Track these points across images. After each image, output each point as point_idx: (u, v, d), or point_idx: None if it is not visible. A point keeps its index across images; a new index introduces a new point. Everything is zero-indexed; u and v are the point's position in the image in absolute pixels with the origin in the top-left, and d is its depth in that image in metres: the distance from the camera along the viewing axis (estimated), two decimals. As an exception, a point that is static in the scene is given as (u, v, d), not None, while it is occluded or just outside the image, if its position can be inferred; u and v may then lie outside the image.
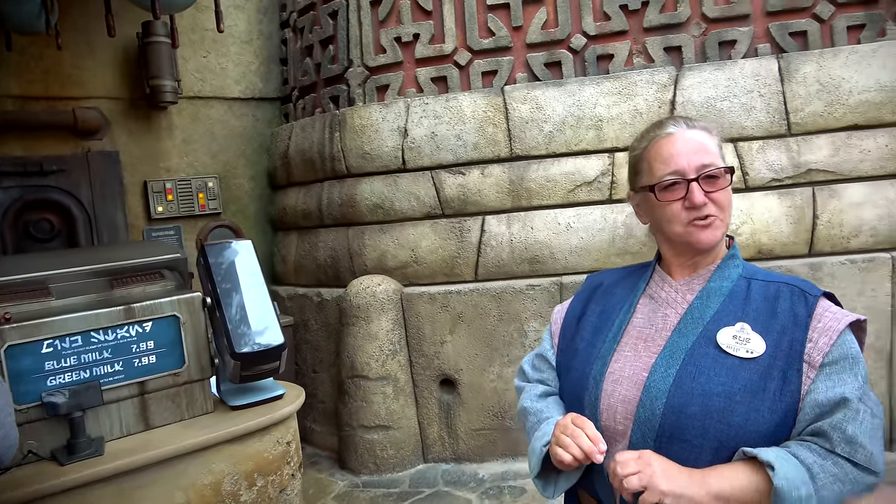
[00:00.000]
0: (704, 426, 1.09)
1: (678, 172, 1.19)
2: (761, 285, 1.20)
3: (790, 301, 1.15)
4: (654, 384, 1.14)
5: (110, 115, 4.47)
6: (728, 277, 1.22)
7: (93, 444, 1.90)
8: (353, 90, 4.25)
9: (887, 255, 3.48)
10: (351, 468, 3.96)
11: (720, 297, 1.20)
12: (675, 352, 1.16)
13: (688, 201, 1.18)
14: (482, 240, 3.87)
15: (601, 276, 1.44)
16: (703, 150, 1.20)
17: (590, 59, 3.84)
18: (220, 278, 2.21)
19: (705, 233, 1.18)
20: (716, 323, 1.17)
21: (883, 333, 3.48)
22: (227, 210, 4.97)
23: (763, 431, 1.08)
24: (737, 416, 1.07)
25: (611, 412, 1.19)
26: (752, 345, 1.12)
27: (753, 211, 3.59)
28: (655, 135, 1.25)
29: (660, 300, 1.26)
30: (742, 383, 1.09)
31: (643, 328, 1.24)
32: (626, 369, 1.20)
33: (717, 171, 1.18)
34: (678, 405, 1.11)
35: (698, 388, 1.11)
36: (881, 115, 3.50)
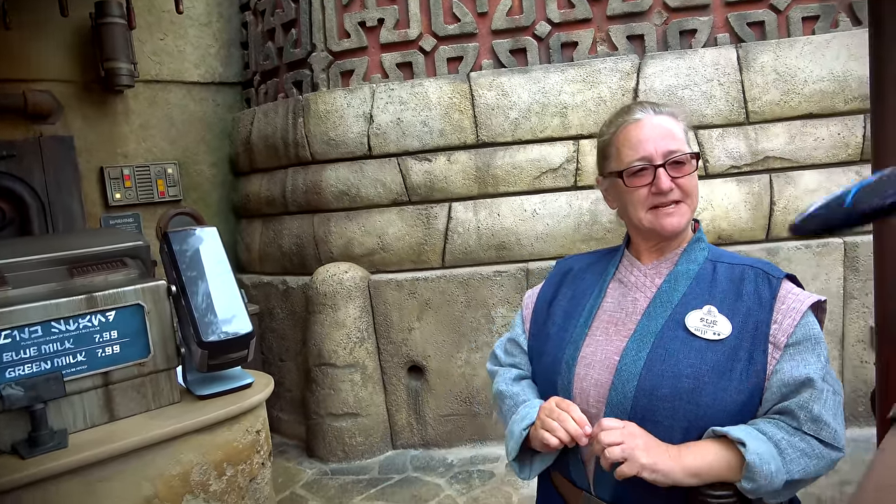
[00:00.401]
0: (674, 407, 1.11)
1: (646, 158, 1.21)
2: (727, 268, 1.23)
3: (755, 283, 1.19)
4: (625, 367, 1.17)
5: (63, 98, 4.31)
6: (694, 260, 1.25)
7: (56, 437, 1.85)
8: (317, 75, 4.19)
9: (840, 240, 3.62)
10: (319, 456, 3.94)
11: (687, 280, 1.23)
12: (645, 335, 1.19)
13: (654, 187, 1.20)
14: (449, 226, 3.88)
15: (571, 260, 1.46)
16: (669, 136, 1.22)
17: (554, 47, 3.86)
18: (184, 266, 2.16)
19: (670, 220, 1.21)
20: (684, 306, 1.19)
21: (835, 316, 3.62)
22: (188, 197, 4.86)
23: (731, 410, 1.11)
24: (705, 397, 1.11)
25: (584, 396, 1.21)
26: (718, 327, 1.15)
27: (713, 197, 3.68)
28: (623, 120, 1.27)
29: (629, 284, 1.28)
30: (710, 364, 1.12)
31: (614, 312, 1.26)
32: (598, 353, 1.22)
33: (684, 157, 1.21)
34: (649, 387, 1.13)
35: (668, 370, 1.13)
36: (834, 105, 3.62)
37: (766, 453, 1.04)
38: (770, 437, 1.07)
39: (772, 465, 1.04)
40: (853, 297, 3.60)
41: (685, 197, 1.22)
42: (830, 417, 1.09)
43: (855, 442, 3.48)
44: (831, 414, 1.10)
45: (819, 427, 1.08)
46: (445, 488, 3.47)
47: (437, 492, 3.44)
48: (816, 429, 1.08)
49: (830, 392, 1.12)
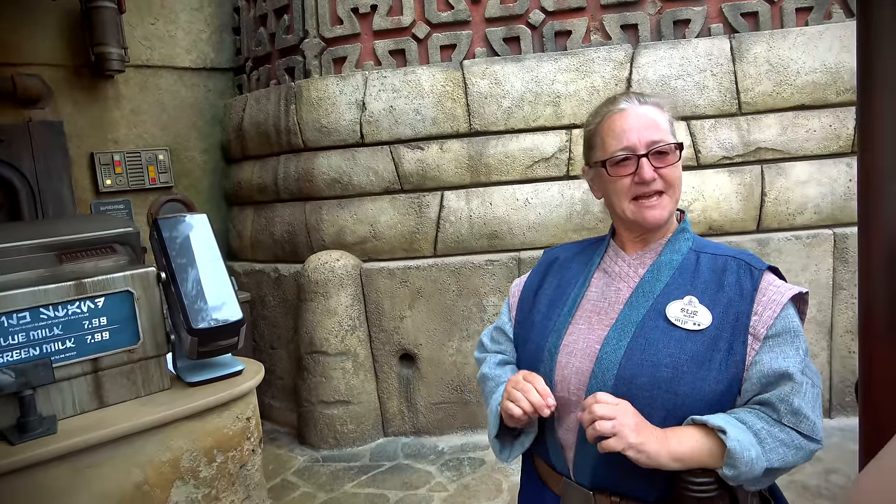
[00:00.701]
0: (653, 395, 1.13)
1: (629, 148, 1.21)
2: (710, 258, 1.24)
3: (736, 275, 1.20)
4: (605, 356, 1.18)
5: (53, 83, 4.27)
6: (678, 251, 1.26)
7: (45, 423, 1.85)
8: (310, 62, 4.17)
9: (829, 231, 3.64)
10: (311, 443, 3.96)
11: (670, 270, 1.24)
12: (626, 325, 1.20)
13: (637, 176, 1.20)
14: (441, 215, 3.88)
15: (557, 250, 1.47)
16: (653, 127, 1.22)
17: (548, 35, 3.85)
18: (174, 253, 2.16)
19: (652, 212, 1.22)
20: (665, 296, 1.21)
21: (824, 307, 3.65)
22: (179, 184, 4.84)
23: (709, 400, 1.12)
24: (684, 386, 1.12)
25: (565, 383, 1.22)
26: (699, 317, 1.16)
27: (705, 188, 3.69)
28: (608, 110, 1.27)
29: (613, 274, 1.30)
30: (689, 354, 1.13)
31: (597, 302, 1.28)
32: (580, 342, 1.23)
33: (667, 147, 1.21)
34: (628, 376, 1.14)
35: (647, 359, 1.15)
36: (826, 96, 3.63)
37: (746, 441, 1.06)
38: (750, 426, 1.09)
39: (752, 451, 1.05)
40: (842, 287, 3.62)
41: (667, 188, 1.23)
42: (809, 410, 1.11)
43: (842, 431, 3.53)
44: (810, 407, 1.11)
45: (798, 420, 1.10)
46: (436, 475, 3.50)
47: (428, 479, 3.47)
48: (796, 421, 1.10)
49: (809, 385, 1.13)
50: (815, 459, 3.25)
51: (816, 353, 3.66)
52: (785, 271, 3.60)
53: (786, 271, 3.61)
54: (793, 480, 3.08)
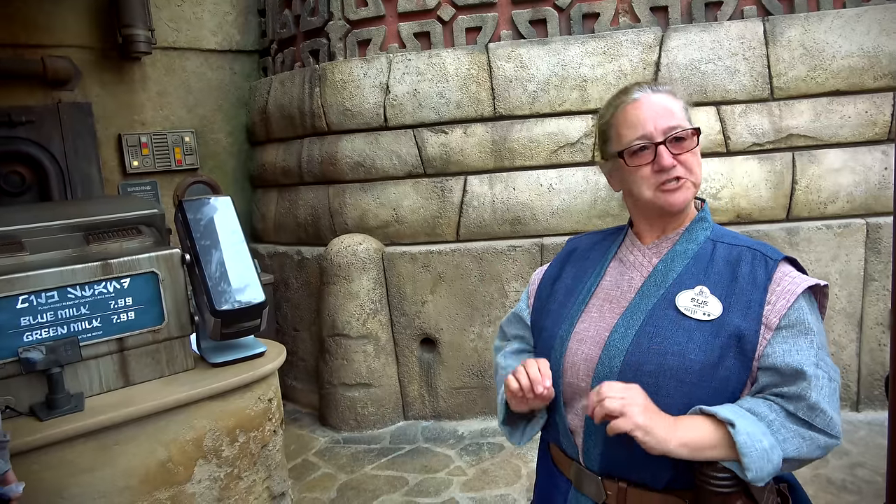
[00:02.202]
0: (658, 384, 1.13)
1: (646, 137, 1.20)
2: (726, 248, 1.23)
3: (751, 265, 1.18)
4: (613, 343, 1.19)
5: (81, 64, 4.32)
6: (695, 240, 1.25)
7: (72, 400, 1.89)
8: (334, 44, 4.15)
9: (862, 221, 3.55)
10: (332, 425, 4.00)
11: (685, 259, 1.23)
12: (636, 313, 1.20)
13: (656, 164, 1.20)
14: (464, 200, 3.86)
15: (579, 240, 1.47)
16: (668, 114, 1.21)
17: (575, 18, 3.78)
18: (198, 235, 2.17)
19: (675, 195, 1.20)
20: (677, 286, 1.20)
21: (855, 298, 3.56)
22: (205, 166, 4.88)
23: (716, 388, 1.12)
24: (690, 375, 1.12)
25: (574, 370, 1.23)
26: (709, 307, 1.15)
27: (734, 175, 3.61)
28: (622, 101, 1.27)
29: (627, 263, 1.30)
30: (697, 344, 1.13)
31: (610, 290, 1.28)
32: (591, 329, 1.25)
33: (685, 133, 1.20)
34: (635, 363, 1.15)
35: (655, 347, 1.15)
36: (863, 81, 3.52)
37: (756, 431, 1.04)
38: (762, 416, 1.08)
39: (764, 441, 1.04)
40: (874, 279, 3.54)
41: (687, 173, 1.21)
42: (826, 405, 1.09)
43: (869, 425, 3.46)
44: (826, 401, 1.09)
45: (814, 414, 1.08)
46: (455, 460, 3.51)
47: (447, 463, 3.48)
48: (811, 415, 1.08)
49: (826, 379, 1.10)
50: (842, 453, 3.20)
51: (845, 344, 3.59)
52: (814, 261, 3.53)
53: (815, 261, 3.53)
54: (817, 474, 3.04)
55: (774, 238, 3.54)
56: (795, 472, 1.20)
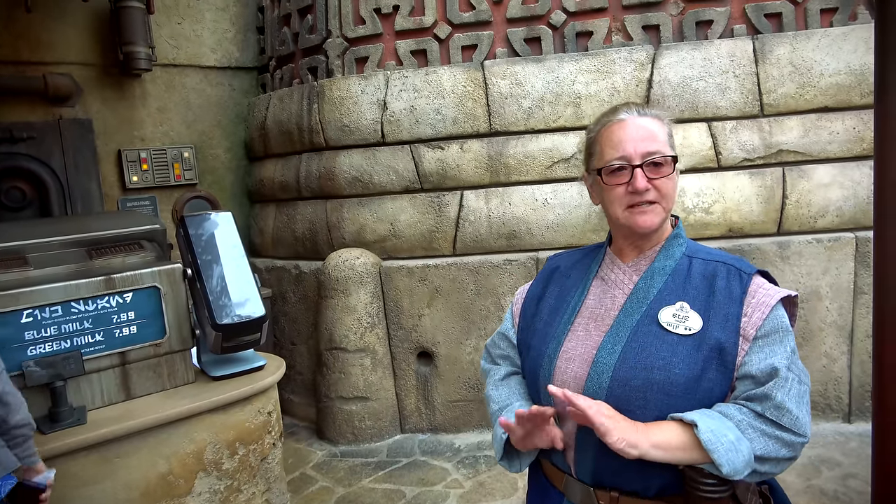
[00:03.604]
0: (646, 397, 1.17)
1: (624, 158, 1.25)
2: (701, 263, 1.28)
3: (726, 279, 1.24)
4: (601, 360, 1.23)
5: (82, 81, 4.37)
6: (672, 256, 1.30)
7: (75, 413, 1.92)
8: (332, 61, 4.22)
9: (851, 235, 3.60)
10: (329, 438, 4.02)
11: (663, 276, 1.28)
12: (621, 330, 1.25)
13: (631, 186, 1.24)
14: (460, 214, 3.91)
15: (559, 258, 1.52)
16: (650, 138, 1.25)
17: (569, 36, 3.86)
18: (200, 250, 2.22)
19: (644, 218, 1.25)
20: (659, 302, 1.25)
21: (845, 311, 3.61)
22: (204, 181, 4.92)
23: (700, 399, 1.17)
24: (676, 388, 1.16)
25: (564, 388, 1.26)
26: (690, 322, 1.20)
27: (725, 190, 3.67)
28: (608, 120, 1.31)
29: (609, 282, 1.34)
30: (681, 357, 1.18)
31: (594, 309, 1.33)
32: (578, 348, 1.29)
33: (662, 159, 1.25)
34: (623, 378, 1.19)
35: (641, 362, 1.19)
36: (850, 98, 3.59)
37: (720, 427, 1.09)
38: (730, 417, 1.13)
39: (729, 435, 1.09)
40: (863, 292, 3.59)
41: (660, 198, 1.26)
42: (793, 405, 1.13)
43: (861, 437, 3.50)
44: (794, 402, 1.14)
45: (781, 413, 1.13)
46: (452, 472, 3.53)
47: (444, 476, 3.50)
48: (778, 415, 1.13)
49: (796, 381, 1.16)
50: (834, 464, 3.23)
51: (836, 357, 3.63)
52: (805, 275, 3.59)
53: (806, 275, 3.59)
54: (810, 485, 3.07)
55: (766, 252, 3.60)
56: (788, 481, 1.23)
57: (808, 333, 3.63)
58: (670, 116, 1.34)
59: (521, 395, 1.41)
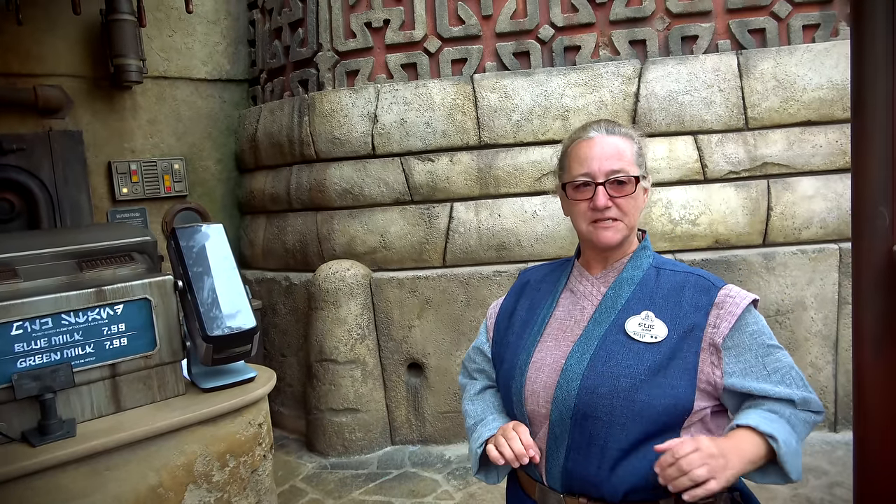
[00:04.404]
0: (612, 404, 1.21)
1: (589, 175, 1.30)
2: (670, 274, 1.33)
3: (694, 290, 1.29)
4: (570, 368, 1.27)
5: (73, 93, 4.37)
6: (640, 267, 1.35)
7: (64, 426, 1.91)
8: (323, 74, 4.25)
9: (835, 246, 3.66)
10: (319, 450, 4.01)
11: (631, 286, 1.32)
12: (590, 339, 1.29)
13: (593, 202, 1.29)
14: (450, 226, 3.94)
15: (530, 272, 1.56)
16: (615, 157, 1.29)
17: (557, 50, 3.91)
18: (191, 262, 2.22)
19: (606, 233, 1.29)
20: (626, 311, 1.29)
21: (830, 321, 3.66)
22: (194, 192, 4.92)
23: (664, 405, 1.20)
24: (641, 394, 1.20)
25: (534, 397, 1.31)
26: (655, 331, 1.25)
27: (711, 202, 3.72)
28: (578, 136, 1.36)
29: (578, 293, 1.38)
30: (646, 365, 1.22)
31: (564, 320, 1.36)
32: (548, 358, 1.32)
33: (626, 178, 1.29)
34: (591, 386, 1.23)
35: (608, 370, 1.23)
36: (832, 112, 3.66)
37: (790, 438, 1.17)
38: (781, 414, 1.20)
39: (793, 443, 1.17)
40: (848, 302, 3.64)
41: (622, 216, 1.30)
42: (808, 392, 1.23)
43: (847, 446, 3.53)
44: (805, 388, 1.24)
45: (808, 404, 1.23)
46: (443, 484, 3.53)
47: (435, 487, 3.50)
48: (806, 405, 1.23)
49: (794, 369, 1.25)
50: (820, 472, 3.27)
51: (822, 366, 3.67)
52: (791, 285, 3.64)
53: (791, 285, 3.64)
54: (797, 494, 3.10)
55: (752, 263, 3.65)
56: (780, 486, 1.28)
57: (793, 343, 3.67)
58: (642, 134, 1.38)
59: (495, 409, 1.45)
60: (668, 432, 1.21)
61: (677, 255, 3.71)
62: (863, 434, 1.26)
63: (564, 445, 1.23)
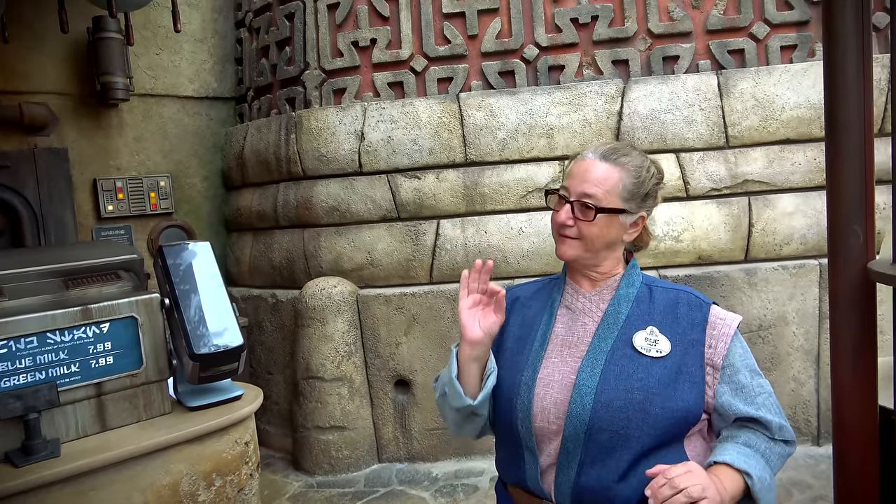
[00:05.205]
0: (628, 417, 1.25)
1: (567, 190, 1.37)
2: (661, 291, 1.39)
3: (688, 306, 1.36)
4: (582, 383, 1.29)
5: (58, 110, 4.36)
6: (633, 284, 1.40)
7: (49, 446, 1.90)
8: (310, 92, 4.28)
9: (815, 262, 3.73)
10: (306, 469, 3.98)
11: (628, 303, 1.37)
12: (598, 354, 1.32)
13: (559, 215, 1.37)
14: (437, 243, 3.96)
15: (517, 289, 1.58)
16: (594, 182, 1.33)
17: (542, 70, 3.97)
18: (178, 279, 2.22)
19: (563, 247, 1.38)
20: (628, 326, 1.34)
21: (811, 336, 3.72)
22: (180, 210, 4.91)
23: (677, 417, 1.26)
24: (654, 406, 1.25)
25: (544, 414, 1.32)
26: (660, 345, 1.31)
27: (694, 219, 3.78)
28: (580, 154, 1.43)
29: (577, 310, 1.41)
30: (656, 378, 1.27)
31: (566, 337, 1.39)
32: (556, 374, 1.34)
33: (590, 204, 1.32)
34: (605, 400, 1.26)
35: (621, 384, 1.27)
36: (811, 131, 3.74)
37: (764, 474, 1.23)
38: (756, 448, 1.26)
39: (766, 479, 1.23)
40: (828, 317, 3.69)
41: (581, 237, 1.35)
42: (782, 419, 1.30)
43: (830, 459, 3.56)
44: (781, 415, 1.31)
45: (783, 432, 1.30)
46: (430, 501, 3.52)
47: (422, 505, 3.49)
48: (782, 433, 1.30)
49: (770, 396, 1.32)
50: (804, 486, 3.30)
51: (804, 381, 3.72)
52: (773, 300, 3.69)
53: (773, 300, 3.69)
54: (782, 508, 3.12)
55: (734, 279, 3.70)
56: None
57: (776, 358, 3.72)
58: (640, 166, 1.37)
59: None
60: (675, 442, 1.28)
61: (661, 271, 3.75)
62: (842, 447, 1.29)
63: (577, 460, 1.26)
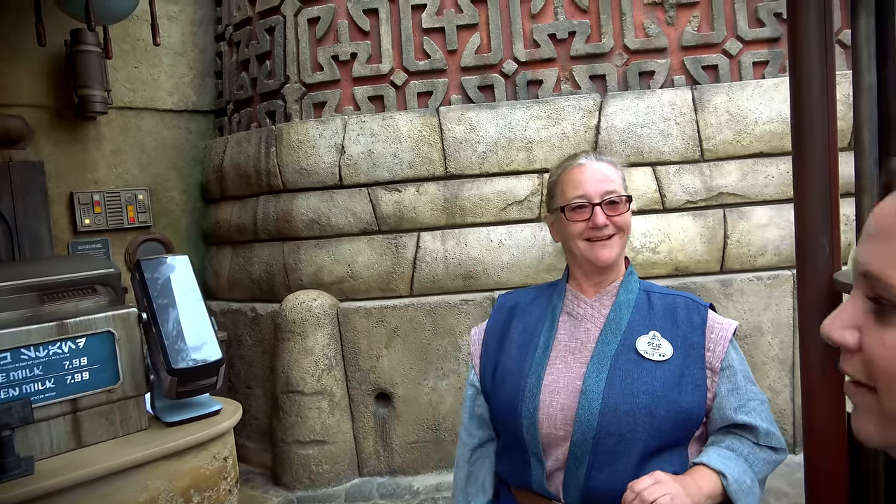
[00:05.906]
0: (635, 420, 1.27)
1: (585, 196, 1.39)
2: (660, 297, 1.43)
3: (686, 310, 1.39)
4: (589, 388, 1.31)
5: (34, 123, 4.32)
6: (631, 290, 1.43)
7: (22, 464, 1.86)
8: (290, 106, 4.29)
9: (789, 272, 3.80)
10: (285, 484, 3.94)
11: (629, 308, 1.40)
12: (603, 359, 1.34)
13: (591, 222, 1.38)
14: (417, 255, 3.97)
15: (515, 296, 1.60)
16: (607, 180, 1.40)
17: (520, 84, 4.02)
18: (156, 294, 2.21)
19: (604, 251, 1.38)
20: (631, 331, 1.36)
21: (786, 345, 3.78)
22: (158, 223, 4.87)
23: (682, 419, 1.30)
24: (660, 409, 1.28)
25: (551, 420, 1.33)
26: (663, 349, 1.34)
27: (671, 230, 3.84)
28: (569, 164, 1.46)
29: (579, 316, 1.43)
30: (660, 382, 1.30)
31: (568, 343, 1.41)
32: (561, 381, 1.35)
33: (619, 198, 1.40)
34: (612, 404, 1.29)
35: (627, 388, 1.30)
36: (783, 144, 3.83)
37: (742, 476, 1.24)
38: (739, 452, 1.29)
39: (747, 480, 1.24)
40: (803, 327, 3.76)
41: (618, 231, 1.39)
42: (771, 426, 1.32)
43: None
44: (770, 423, 1.33)
45: (770, 437, 1.32)
46: (411, 515, 3.50)
47: (403, 519, 3.47)
48: (768, 440, 1.32)
49: (762, 404, 1.34)
50: (780, 494, 3.34)
51: (780, 389, 3.78)
52: (748, 311, 3.75)
53: (749, 310, 3.75)
54: (760, 516, 3.15)
55: (710, 289, 3.76)
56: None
57: (752, 368, 3.76)
58: (623, 162, 1.52)
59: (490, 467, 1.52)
60: (679, 445, 1.31)
61: (639, 283, 3.80)
62: (812, 454, 1.32)
63: (586, 464, 1.28)
